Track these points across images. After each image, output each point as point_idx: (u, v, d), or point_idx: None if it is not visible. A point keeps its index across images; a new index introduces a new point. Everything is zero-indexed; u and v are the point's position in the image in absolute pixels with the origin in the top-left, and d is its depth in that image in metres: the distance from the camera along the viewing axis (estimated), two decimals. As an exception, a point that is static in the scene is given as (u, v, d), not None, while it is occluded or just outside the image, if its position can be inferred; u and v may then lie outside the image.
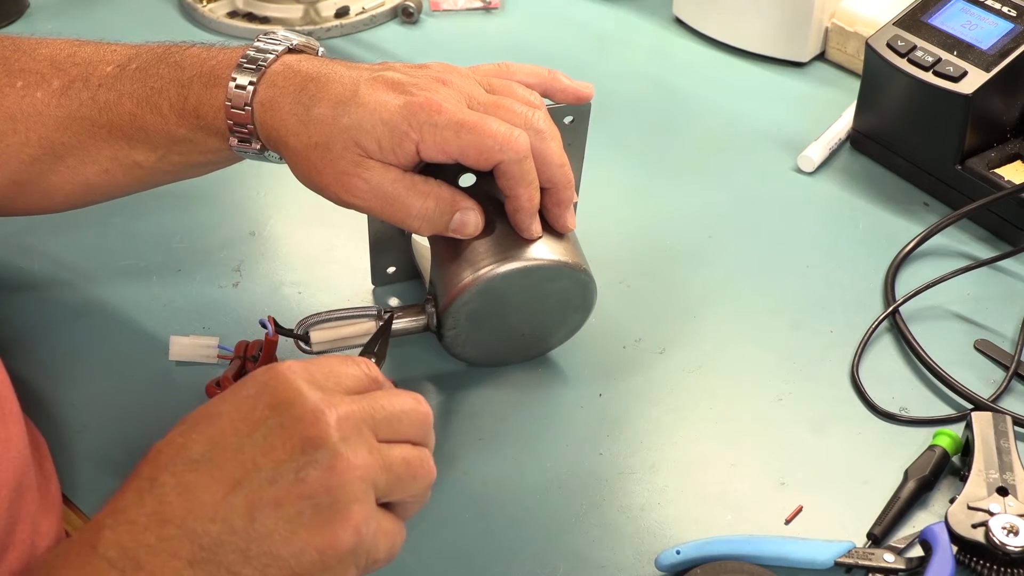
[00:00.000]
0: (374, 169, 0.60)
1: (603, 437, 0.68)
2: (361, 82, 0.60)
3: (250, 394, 0.48)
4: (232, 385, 0.50)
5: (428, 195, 0.61)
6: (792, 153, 0.91)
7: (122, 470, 0.64)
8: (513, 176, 0.60)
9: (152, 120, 0.64)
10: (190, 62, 0.64)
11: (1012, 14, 0.84)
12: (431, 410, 0.52)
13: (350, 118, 0.59)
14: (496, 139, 0.59)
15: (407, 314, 0.68)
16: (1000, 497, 0.60)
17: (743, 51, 1.04)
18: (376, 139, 0.59)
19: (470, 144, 0.59)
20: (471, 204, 0.63)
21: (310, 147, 0.60)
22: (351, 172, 0.60)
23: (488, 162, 0.60)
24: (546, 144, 0.61)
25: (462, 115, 0.59)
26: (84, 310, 0.75)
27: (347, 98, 0.60)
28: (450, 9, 1.12)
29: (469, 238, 0.64)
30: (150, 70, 0.64)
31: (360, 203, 0.61)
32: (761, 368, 0.72)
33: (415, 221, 0.61)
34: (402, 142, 0.59)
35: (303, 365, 0.49)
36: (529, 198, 0.62)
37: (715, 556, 0.59)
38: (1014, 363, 0.72)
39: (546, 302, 0.67)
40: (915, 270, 0.80)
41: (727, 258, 0.81)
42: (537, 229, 0.63)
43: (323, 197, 0.63)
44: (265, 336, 0.66)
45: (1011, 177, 0.82)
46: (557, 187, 0.63)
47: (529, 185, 0.61)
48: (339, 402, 0.47)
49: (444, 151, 0.59)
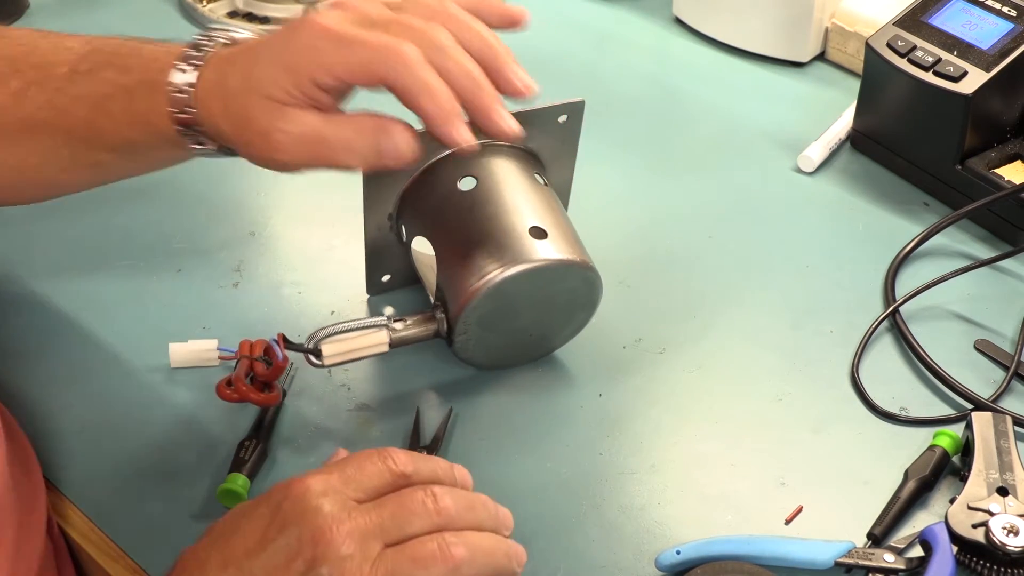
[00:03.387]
0: (289, 115, 0.58)
1: (603, 437, 0.68)
2: (266, 37, 0.60)
3: (264, 513, 0.50)
4: (253, 500, 0.51)
5: (347, 123, 0.58)
6: (792, 153, 0.91)
7: (122, 470, 0.65)
8: (405, 88, 0.56)
9: (107, 125, 0.63)
10: (135, 64, 0.62)
11: (1012, 14, 0.84)
12: (457, 497, 0.52)
13: (256, 77, 0.58)
14: (376, 50, 0.56)
15: (416, 322, 0.68)
16: (1000, 497, 0.60)
17: (743, 51, 1.04)
18: (279, 84, 0.57)
19: (354, 61, 0.56)
20: (397, 122, 0.59)
21: (238, 124, 0.59)
22: (272, 128, 0.58)
23: (375, 76, 0.57)
24: (444, 55, 0.57)
25: (342, 31, 0.57)
26: (84, 310, 0.75)
27: (253, 60, 0.59)
28: (450, 9, 1.12)
29: (408, 165, 0.60)
30: (98, 74, 0.63)
31: (289, 157, 0.59)
32: (761, 368, 0.72)
33: (341, 154, 0.58)
34: (298, 76, 0.57)
35: (323, 477, 0.50)
36: (437, 108, 0.57)
37: (715, 556, 0.59)
38: (1014, 363, 0.72)
39: (554, 301, 0.67)
40: (915, 270, 0.80)
41: (727, 258, 0.81)
42: (462, 138, 0.58)
43: (272, 170, 0.60)
44: (275, 362, 0.66)
45: (1011, 177, 0.82)
46: (468, 95, 0.58)
47: (430, 95, 0.56)
48: (347, 517, 0.49)
49: (332, 72, 0.57)
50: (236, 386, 0.65)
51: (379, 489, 0.51)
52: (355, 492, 0.50)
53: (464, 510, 0.51)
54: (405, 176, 0.69)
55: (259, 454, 0.64)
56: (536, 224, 0.66)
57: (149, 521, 0.62)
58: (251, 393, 0.65)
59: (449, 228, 0.67)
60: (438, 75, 0.56)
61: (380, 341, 0.67)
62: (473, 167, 0.68)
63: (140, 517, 0.62)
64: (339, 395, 0.70)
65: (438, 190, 0.68)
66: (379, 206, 0.70)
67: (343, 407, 0.69)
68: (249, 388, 0.65)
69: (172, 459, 0.65)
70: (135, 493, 0.64)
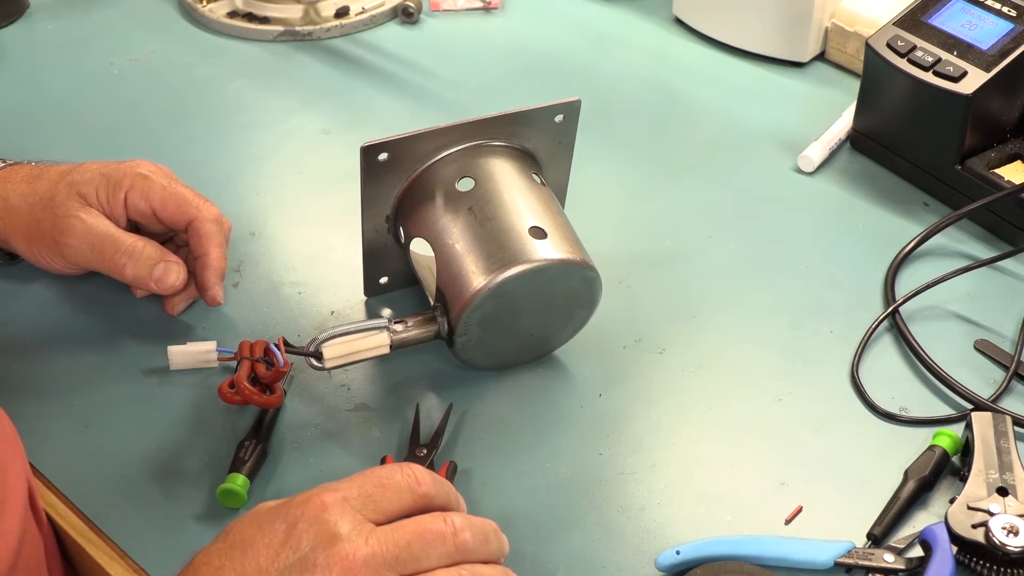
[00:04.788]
0: (91, 213, 0.71)
1: (603, 437, 0.68)
2: (85, 162, 0.73)
3: (280, 530, 0.49)
4: (272, 509, 0.51)
5: (138, 239, 0.71)
6: (792, 153, 0.91)
7: (122, 470, 0.65)
8: (204, 234, 0.72)
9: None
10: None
11: (1012, 14, 0.84)
12: (473, 535, 0.51)
13: (74, 175, 0.72)
14: (192, 201, 0.72)
15: (417, 324, 0.68)
16: (1000, 497, 0.60)
17: (743, 51, 1.04)
18: (95, 188, 0.71)
19: (171, 198, 0.72)
20: (177, 260, 0.72)
21: (34, 202, 0.71)
22: (69, 215, 0.70)
23: (184, 217, 0.72)
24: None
25: (170, 183, 0.73)
26: (84, 310, 0.75)
27: (73, 167, 0.73)
28: (450, 9, 1.12)
29: (170, 292, 0.72)
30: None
31: (73, 241, 0.70)
32: (761, 368, 0.72)
33: (122, 258, 0.70)
34: (115, 191, 0.71)
35: (342, 496, 0.50)
36: (217, 258, 0.72)
37: (715, 556, 0.59)
38: (1014, 363, 0.72)
39: (554, 301, 0.68)
40: (915, 270, 0.80)
41: (727, 258, 0.81)
42: (220, 294, 0.73)
43: (36, 254, 0.73)
44: (277, 367, 0.66)
45: (1011, 177, 0.82)
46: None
47: (219, 247, 0.73)
48: (364, 543, 0.48)
49: (148, 200, 0.72)
50: (238, 388, 0.64)
51: (399, 512, 0.51)
52: (374, 514, 0.50)
53: (480, 544, 0.51)
54: (403, 178, 0.69)
55: (259, 454, 0.64)
56: (535, 224, 0.66)
57: (149, 521, 0.62)
58: (254, 395, 0.64)
59: (448, 229, 0.67)
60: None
61: (381, 343, 0.67)
62: (471, 168, 0.68)
63: (140, 517, 0.62)
64: (339, 395, 0.70)
65: (436, 191, 0.68)
66: (377, 208, 0.70)
67: (343, 407, 0.69)
68: (252, 390, 0.65)
69: (172, 459, 0.65)
70: (135, 493, 0.64)
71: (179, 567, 0.51)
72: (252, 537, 0.50)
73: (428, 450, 0.65)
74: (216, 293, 0.72)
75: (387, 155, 0.67)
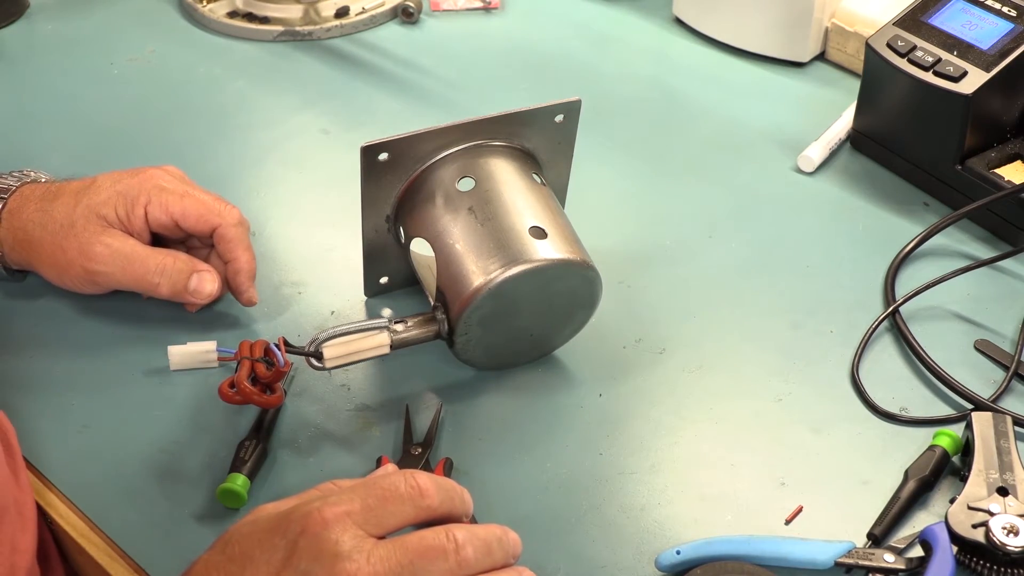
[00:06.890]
0: (115, 235, 0.71)
1: (603, 437, 0.68)
2: (97, 177, 0.73)
3: (279, 546, 0.49)
4: (272, 519, 0.50)
5: (167, 254, 0.71)
6: (792, 153, 0.91)
7: (122, 470, 0.65)
8: (231, 238, 0.72)
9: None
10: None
11: (1012, 14, 0.84)
12: (477, 546, 0.50)
13: (90, 197, 0.71)
14: (213, 207, 0.72)
15: (417, 324, 0.68)
16: (1000, 497, 0.60)
17: (743, 51, 1.04)
18: (113, 207, 0.71)
19: (191, 207, 0.72)
20: (208, 268, 0.72)
21: (55, 229, 0.71)
22: (93, 240, 0.70)
23: (207, 224, 0.72)
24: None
25: (187, 190, 0.73)
26: (84, 310, 0.75)
27: (86, 185, 0.72)
28: (450, 9, 1.12)
29: (208, 302, 0.73)
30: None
31: (102, 267, 0.70)
32: (761, 368, 0.72)
33: (155, 277, 0.71)
34: (133, 207, 0.71)
35: (343, 511, 0.49)
36: (248, 260, 0.73)
37: (715, 556, 0.59)
38: (1014, 363, 0.72)
39: (554, 301, 0.68)
40: (915, 270, 0.80)
41: (727, 258, 0.81)
42: (255, 295, 0.73)
43: (67, 282, 0.72)
44: (277, 367, 0.65)
45: (1011, 177, 0.82)
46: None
47: (247, 249, 0.73)
48: (365, 562, 0.48)
49: (168, 211, 0.71)
50: (239, 387, 0.64)
51: (401, 525, 0.50)
52: (376, 528, 0.49)
53: (483, 556, 0.51)
54: (403, 178, 0.69)
55: (259, 454, 0.64)
56: (536, 224, 0.66)
57: (149, 521, 0.62)
58: (254, 395, 0.64)
59: (448, 229, 0.67)
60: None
61: (381, 343, 0.67)
62: (471, 168, 0.68)
63: (140, 517, 0.62)
64: (339, 395, 0.70)
65: (436, 191, 0.68)
66: (377, 208, 0.70)
67: (343, 407, 0.69)
68: (252, 390, 0.64)
69: (172, 459, 0.65)
70: (135, 493, 0.64)
71: (179, 567, 0.51)
72: (251, 552, 0.49)
73: (423, 449, 0.65)
74: (252, 295, 0.73)
75: (387, 155, 0.67)
